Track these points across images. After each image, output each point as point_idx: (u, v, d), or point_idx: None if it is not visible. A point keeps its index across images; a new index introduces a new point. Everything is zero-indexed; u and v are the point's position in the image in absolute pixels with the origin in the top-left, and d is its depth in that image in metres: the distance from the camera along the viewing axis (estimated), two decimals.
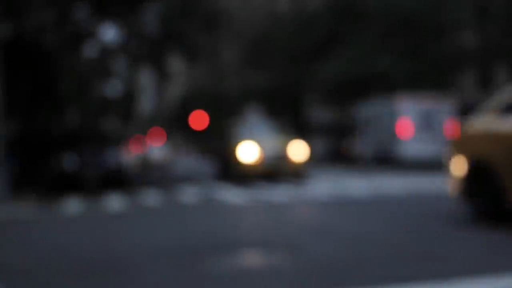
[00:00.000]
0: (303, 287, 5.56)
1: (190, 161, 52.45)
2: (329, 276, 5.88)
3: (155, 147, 43.20)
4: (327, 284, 5.57)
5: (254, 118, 24.19)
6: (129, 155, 21.61)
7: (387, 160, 29.84)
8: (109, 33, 31.21)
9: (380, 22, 33.83)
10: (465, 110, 30.20)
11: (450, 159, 9.86)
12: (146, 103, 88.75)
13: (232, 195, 15.99)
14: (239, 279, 5.95)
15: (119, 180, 20.15)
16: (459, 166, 9.54)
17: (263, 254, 7.18)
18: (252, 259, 6.95)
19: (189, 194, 17.06)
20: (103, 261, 7.34)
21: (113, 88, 44.44)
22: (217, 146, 23.22)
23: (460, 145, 9.63)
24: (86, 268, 6.92)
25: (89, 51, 31.88)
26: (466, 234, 8.02)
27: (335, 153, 38.17)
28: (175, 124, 70.21)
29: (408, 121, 28.96)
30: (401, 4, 32.89)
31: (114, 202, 15.96)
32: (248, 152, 19.69)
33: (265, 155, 19.73)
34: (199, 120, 70.82)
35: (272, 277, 5.98)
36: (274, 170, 19.78)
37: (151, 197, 16.78)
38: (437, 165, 27.59)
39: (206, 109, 60.74)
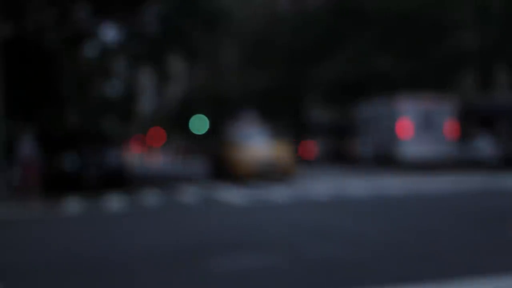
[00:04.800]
0: (302, 287, 5.56)
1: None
2: (328, 276, 5.88)
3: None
4: (327, 284, 5.57)
5: None
6: (130, 154, 21.55)
7: (387, 160, 29.85)
8: (109, 33, 31.22)
9: (380, 22, 33.84)
10: (465, 111, 30.20)
11: None
12: (146, 103, 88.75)
13: (232, 195, 15.99)
14: (239, 279, 5.95)
15: (120, 180, 20.15)
16: None
17: (262, 254, 7.18)
18: (252, 259, 6.95)
19: (189, 194, 17.07)
20: (103, 261, 7.35)
21: (113, 88, 44.45)
22: None
23: None
24: (86, 268, 6.92)
25: (89, 51, 31.89)
26: (466, 234, 8.02)
27: (335, 153, 38.18)
28: (175, 124, 70.21)
29: (408, 121, 28.97)
30: (401, 4, 32.91)
31: (114, 202, 15.97)
32: None
33: None
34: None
35: (272, 277, 5.98)
36: None
37: (151, 197, 16.78)
38: (437, 165, 27.61)
39: (206, 109, 60.71)
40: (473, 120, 31.32)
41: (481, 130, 28.98)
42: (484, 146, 27.13)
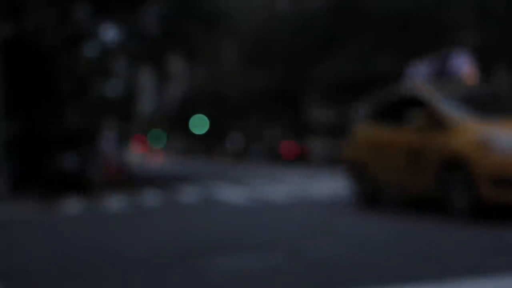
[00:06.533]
0: (303, 287, 5.56)
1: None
2: (329, 276, 5.88)
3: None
4: (327, 284, 5.57)
5: None
6: (131, 154, 21.63)
7: None
8: (109, 33, 31.22)
9: (379, 22, 33.85)
10: None
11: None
12: (146, 103, 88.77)
13: (232, 195, 15.99)
14: (239, 279, 5.95)
15: (120, 180, 20.19)
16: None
17: (263, 254, 7.18)
18: (252, 259, 6.95)
19: (189, 194, 17.07)
20: (103, 261, 7.35)
21: (113, 88, 44.47)
22: None
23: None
24: (86, 268, 6.92)
25: (89, 51, 31.90)
26: (466, 234, 8.02)
27: (334, 153, 38.20)
28: (175, 124, 70.22)
29: None
30: (400, 4, 32.91)
31: (114, 202, 15.97)
32: None
33: None
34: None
35: (272, 277, 5.98)
36: None
37: (151, 197, 16.78)
38: None
39: (206, 109, 60.76)
40: None
41: None
42: None
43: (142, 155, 68.75)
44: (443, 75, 11.04)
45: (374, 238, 8.08)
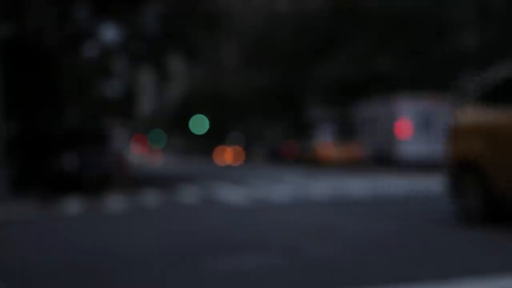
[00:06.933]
0: (303, 287, 5.56)
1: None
2: (329, 276, 5.88)
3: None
4: (327, 284, 5.57)
5: None
6: (131, 154, 21.73)
7: (386, 160, 29.84)
8: (109, 33, 31.22)
9: (380, 22, 33.86)
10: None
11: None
12: (146, 103, 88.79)
13: (232, 195, 15.99)
14: (238, 279, 5.95)
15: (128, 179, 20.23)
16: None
17: (262, 254, 7.18)
18: (252, 259, 6.95)
19: (189, 194, 17.07)
20: (102, 261, 7.35)
21: (113, 88, 44.47)
22: None
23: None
24: (86, 268, 6.93)
25: (89, 51, 31.90)
26: (466, 234, 8.02)
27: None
28: (175, 124, 70.24)
29: (407, 122, 28.98)
30: (400, 5, 32.93)
31: (114, 202, 15.96)
32: None
33: None
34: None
35: (272, 277, 5.98)
36: None
37: (151, 197, 16.78)
38: (436, 166, 27.60)
39: (206, 109, 60.74)
40: None
41: None
42: None
43: (142, 155, 68.76)
44: None
45: (374, 238, 8.08)
